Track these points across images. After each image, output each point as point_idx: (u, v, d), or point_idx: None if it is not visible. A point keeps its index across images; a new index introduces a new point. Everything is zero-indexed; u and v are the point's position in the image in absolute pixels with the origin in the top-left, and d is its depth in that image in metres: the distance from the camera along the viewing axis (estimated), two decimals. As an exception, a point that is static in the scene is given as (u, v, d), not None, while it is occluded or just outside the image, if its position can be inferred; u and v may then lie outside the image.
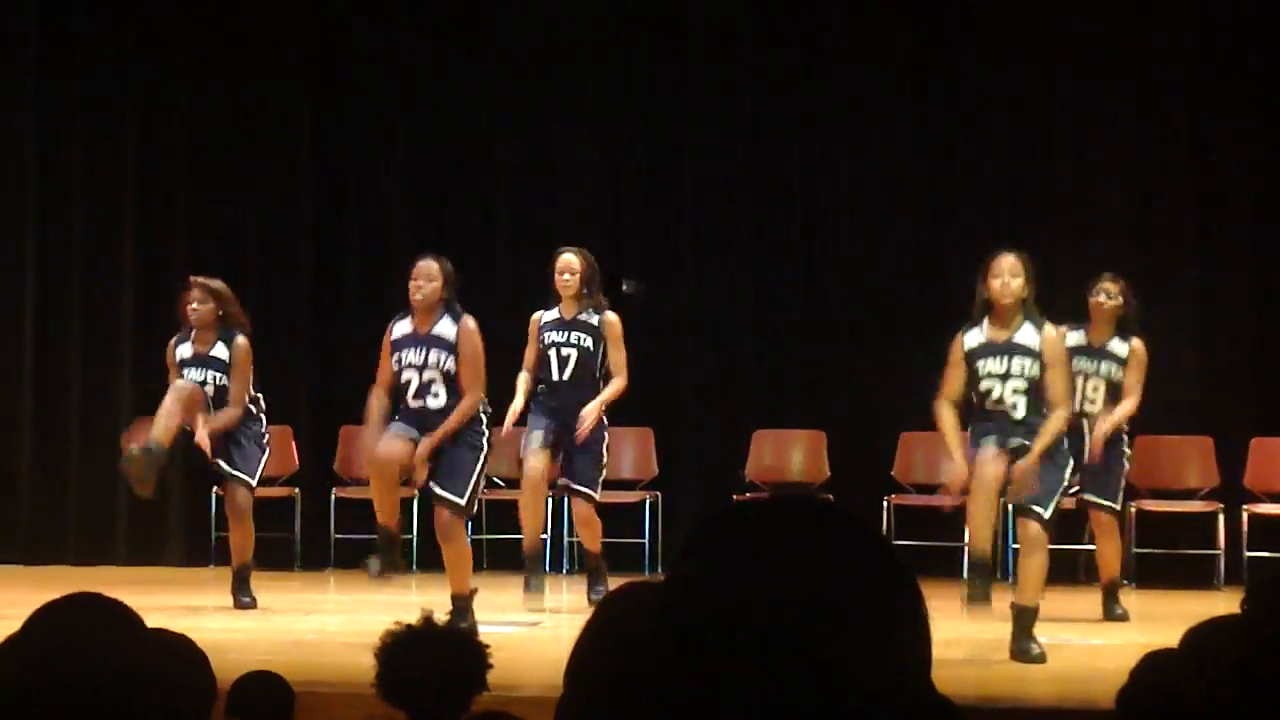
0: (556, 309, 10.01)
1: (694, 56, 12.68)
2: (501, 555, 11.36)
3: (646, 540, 12.09)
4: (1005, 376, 8.06)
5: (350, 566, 11.65)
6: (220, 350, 10.16)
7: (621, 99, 12.76)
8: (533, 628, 9.23)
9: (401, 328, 8.92)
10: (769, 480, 12.23)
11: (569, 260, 9.98)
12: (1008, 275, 8.06)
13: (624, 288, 12.36)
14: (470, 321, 8.84)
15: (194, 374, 10.10)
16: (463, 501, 8.64)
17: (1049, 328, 8.16)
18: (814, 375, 12.56)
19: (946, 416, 8.13)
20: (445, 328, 8.84)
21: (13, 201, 12.95)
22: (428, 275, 8.86)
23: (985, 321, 8.13)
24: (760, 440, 12.37)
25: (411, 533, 12.00)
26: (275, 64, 12.88)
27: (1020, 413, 8.02)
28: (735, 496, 11.24)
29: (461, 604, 8.69)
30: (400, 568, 9.14)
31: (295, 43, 12.88)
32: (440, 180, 12.87)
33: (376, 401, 8.85)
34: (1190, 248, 12.22)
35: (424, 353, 8.82)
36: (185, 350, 10.18)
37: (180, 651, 3.08)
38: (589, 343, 9.93)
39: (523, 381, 9.88)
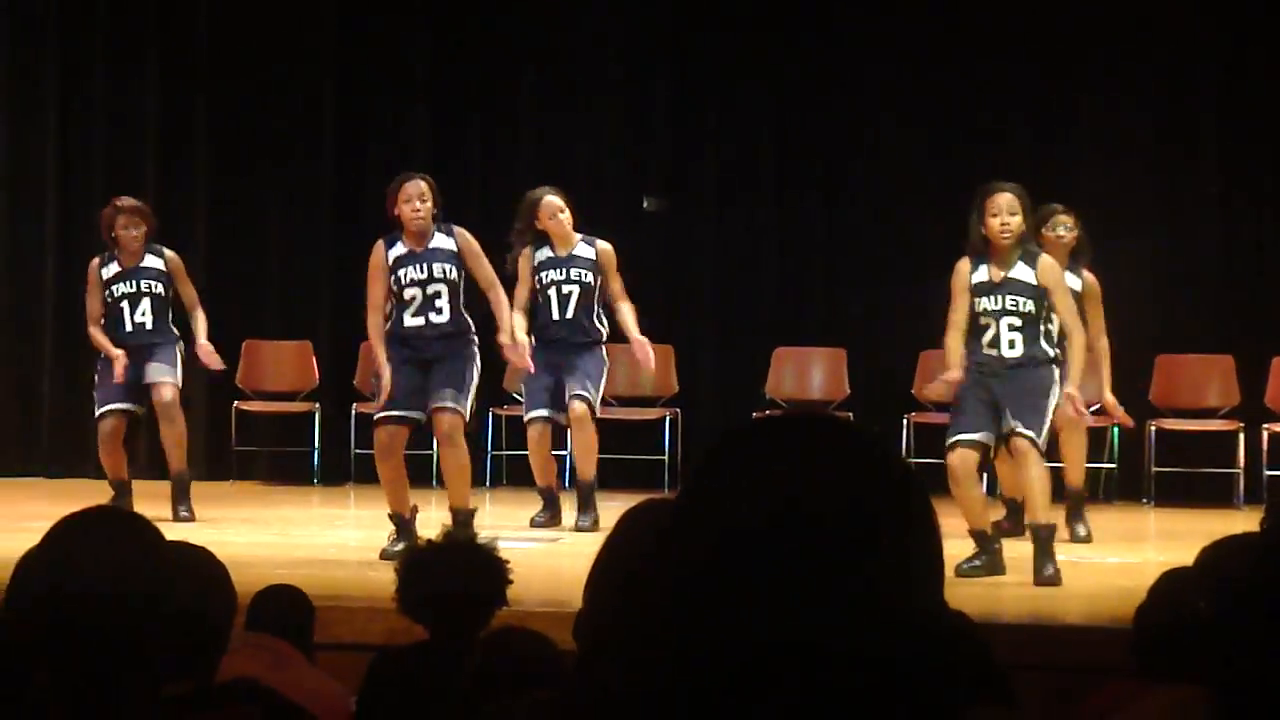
0: (548, 246, 9.82)
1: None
2: (517, 472, 11.38)
3: (666, 457, 12.11)
4: (1001, 313, 8.02)
5: (370, 481, 11.69)
6: (151, 260, 10.12)
7: (649, 23, 12.69)
8: (552, 543, 9.27)
9: (396, 250, 8.74)
10: (789, 398, 12.23)
11: (554, 201, 9.73)
12: (1006, 213, 7.97)
13: (645, 204, 12.34)
14: (462, 229, 8.80)
15: (126, 286, 10.07)
16: (465, 409, 8.62)
17: (1044, 257, 8.12)
18: (835, 293, 12.54)
19: (953, 346, 8.10)
20: (442, 241, 8.75)
21: (34, 182, 12.94)
22: (422, 195, 8.70)
23: (985, 258, 8.07)
24: (781, 358, 12.37)
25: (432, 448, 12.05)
26: (298, 14, 12.85)
27: (1016, 351, 7.98)
28: (755, 414, 11.25)
29: (463, 518, 8.69)
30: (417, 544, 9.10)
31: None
32: (461, 101, 12.83)
33: (377, 330, 8.71)
34: (1210, 165, 12.17)
35: (426, 267, 8.70)
36: (112, 269, 10.11)
37: (200, 564, 3.10)
38: (589, 277, 9.81)
39: (520, 320, 9.60)
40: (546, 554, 8.73)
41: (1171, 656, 3.38)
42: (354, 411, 12.24)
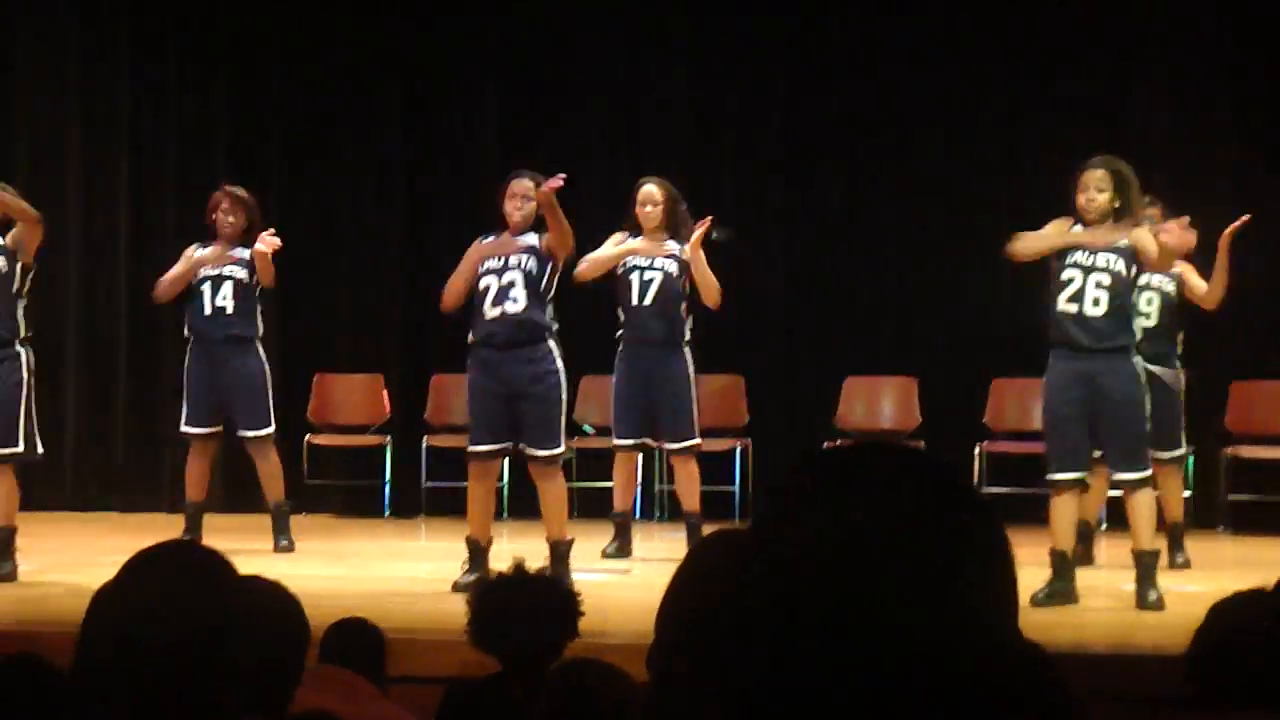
0: (639, 240, 9.88)
1: (774, 13, 12.62)
2: (592, 503, 11.37)
3: (737, 488, 12.08)
4: (1090, 269, 7.98)
5: (441, 514, 11.72)
6: (241, 251, 10.10)
7: (714, 39, 12.70)
8: (624, 575, 9.26)
9: (487, 239, 8.81)
10: (860, 428, 12.19)
11: (651, 191, 9.85)
12: (1094, 190, 8.00)
13: (713, 235, 12.33)
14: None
15: (209, 270, 10.04)
16: (559, 451, 8.66)
17: (1137, 230, 8.07)
18: (906, 322, 12.50)
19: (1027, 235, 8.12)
20: (529, 239, 8.76)
21: (107, 179, 13.03)
22: (525, 194, 8.74)
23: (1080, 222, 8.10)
24: (851, 387, 12.33)
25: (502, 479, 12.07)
26: (368, 40, 12.89)
27: (1101, 309, 7.94)
28: (826, 444, 11.21)
29: (560, 551, 8.70)
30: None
31: (387, 9, 12.91)
32: (530, 130, 12.87)
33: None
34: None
35: (503, 258, 8.70)
36: (205, 252, 10.12)
37: (274, 598, 3.11)
38: (674, 267, 9.80)
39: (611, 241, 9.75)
40: (618, 585, 8.73)
41: (1225, 683, 3.36)
42: (425, 444, 12.26)
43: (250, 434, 10.09)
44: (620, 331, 9.88)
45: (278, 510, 10.27)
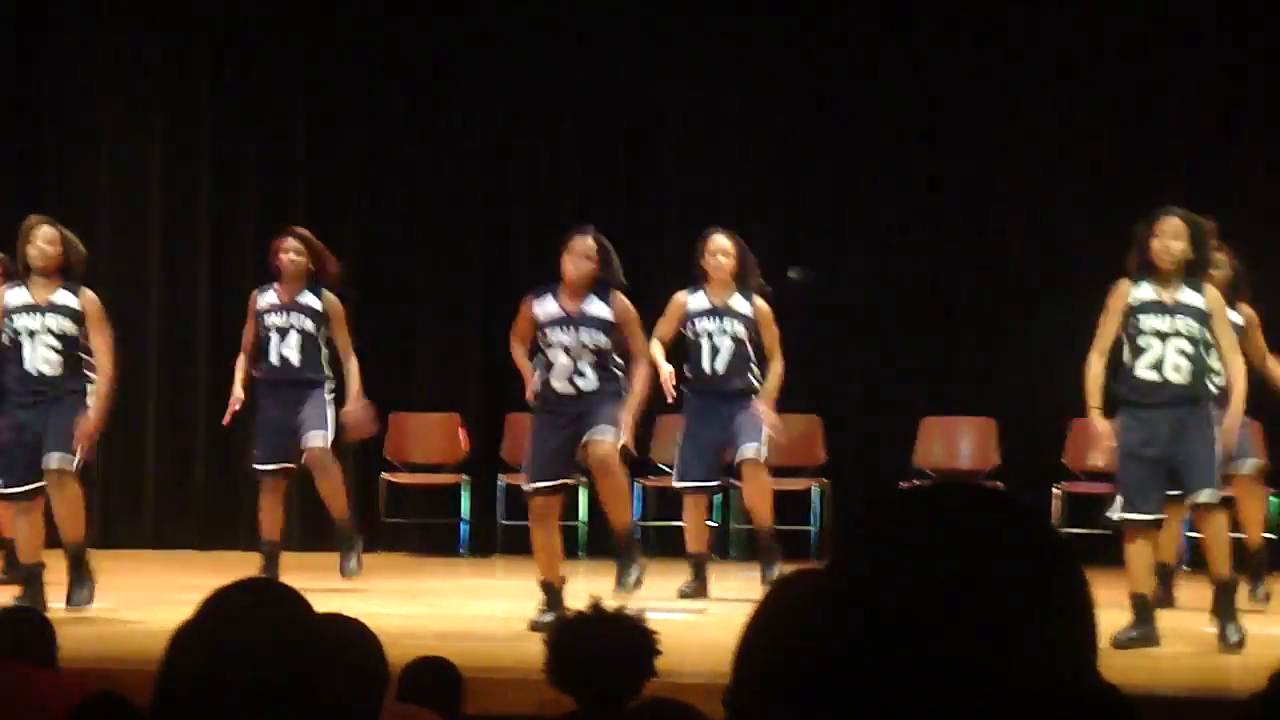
0: (703, 293, 9.78)
1: (862, 36, 12.60)
2: (667, 542, 11.36)
3: (814, 528, 12.05)
4: (1168, 335, 7.90)
5: (518, 553, 11.73)
6: (309, 299, 10.11)
7: (787, 80, 12.71)
8: (700, 614, 9.23)
9: (547, 306, 8.64)
10: (938, 468, 12.14)
11: (722, 242, 9.71)
12: (1169, 238, 7.91)
13: (789, 274, 12.32)
14: (622, 297, 8.71)
15: (277, 319, 10.07)
16: (619, 434, 8.52)
17: (1209, 287, 8.00)
18: (984, 361, 12.45)
19: (1096, 371, 8.00)
20: (598, 307, 8.68)
21: (186, 206, 13.14)
22: (586, 253, 8.64)
23: (1150, 279, 7.99)
24: (929, 427, 12.29)
25: (579, 519, 12.09)
26: (447, 60, 12.97)
27: (1182, 377, 7.86)
28: (903, 484, 11.17)
29: (627, 538, 8.75)
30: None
31: (468, 43, 12.96)
32: (609, 170, 12.90)
33: (523, 356, 8.70)
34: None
35: (574, 331, 8.61)
36: (270, 298, 10.12)
37: (353, 636, 3.12)
38: (743, 330, 9.71)
39: (659, 349, 9.48)
40: (694, 624, 8.70)
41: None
42: (502, 483, 12.28)
43: (309, 445, 10.03)
44: (689, 383, 9.80)
45: (341, 528, 10.23)
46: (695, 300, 9.75)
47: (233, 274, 12.80)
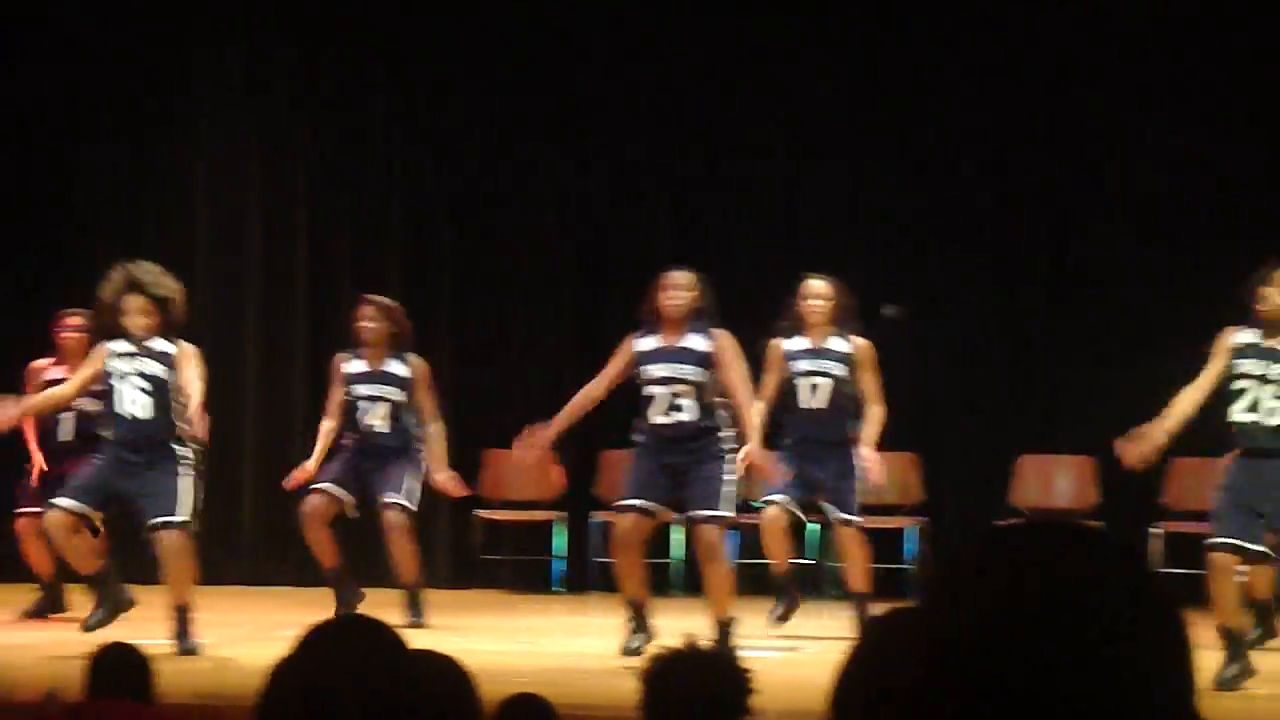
0: (800, 336, 9.76)
1: (940, 80, 12.57)
2: (759, 579, 11.32)
3: (912, 566, 11.98)
4: (1265, 380, 7.86)
5: (612, 589, 11.74)
6: (396, 366, 10.19)
7: (872, 117, 12.68)
8: (792, 652, 9.20)
9: (646, 342, 8.72)
10: (1035, 506, 12.06)
11: (818, 287, 9.68)
12: (1275, 289, 7.88)
13: (884, 312, 12.28)
14: (724, 333, 8.71)
15: (365, 389, 10.15)
16: (724, 512, 8.56)
17: None
18: (1083, 399, 12.35)
19: (1183, 398, 7.95)
20: (696, 341, 8.69)
21: (283, 257, 13.24)
22: (679, 286, 8.69)
23: (1257, 326, 7.94)
24: (1026, 465, 12.21)
25: (670, 556, 12.07)
26: (534, 103, 13.02)
27: (1277, 419, 7.83)
28: (1000, 522, 11.10)
29: (725, 628, 8.66)
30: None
31: (553, 88, 13.02)
32: (699, 209, 12.91)
33: (583, 397, 8.76)
34: None
35: (672, 367, 8.65)
36: (357, 365, 10.24)
37: (446, 673, 3.12)
38: (843, 370, 9.67)
39: (760, 413, 9.48)
40: (788, 663, 8.67)
41: None
42: (595, 520, 12.29)
43: (386, 500, 10.09)
44: (785, 430, 9.74)
45: (411, 593, 10.30)
46: (790, 343, 9.71)
47: (330, 321, 12.88)
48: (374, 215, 13.22)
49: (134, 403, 8.93)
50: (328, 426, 10.27)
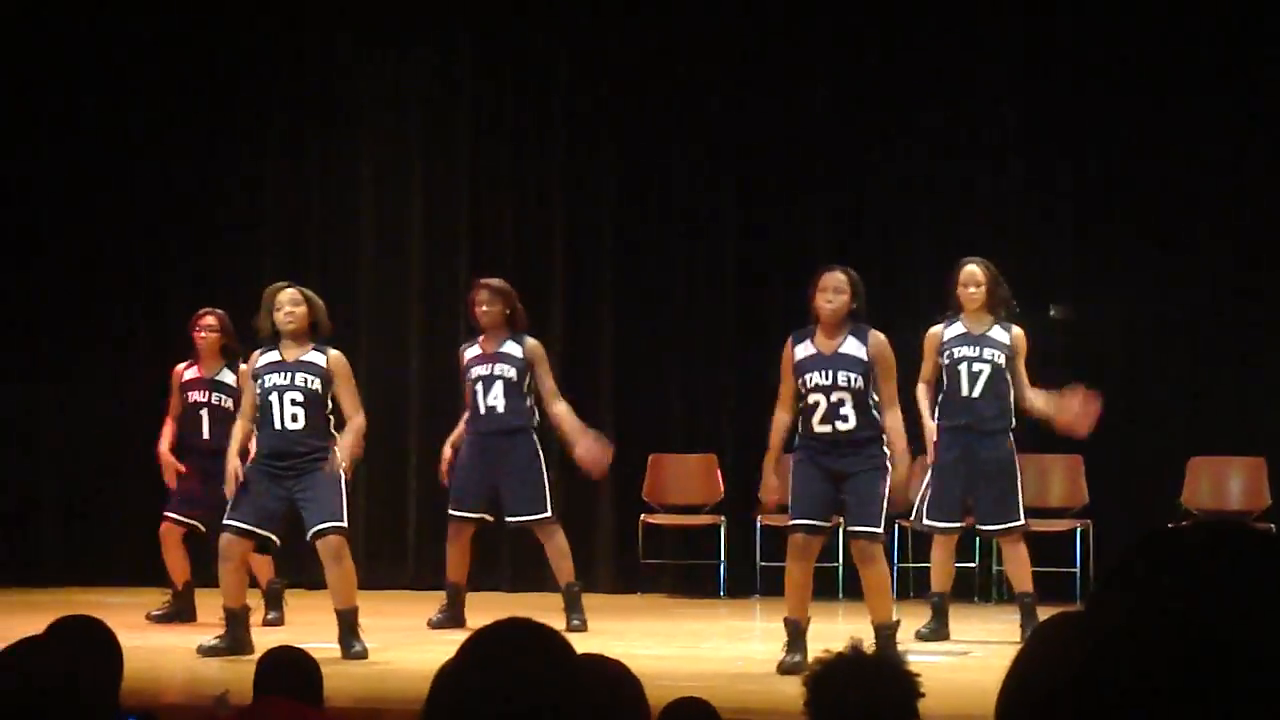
0: (959, 322, 9.73)
1: (1102, 81, 12.43)
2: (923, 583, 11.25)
3: (1078, 569, 11.85)
4: None
5: (777, 593, 11.72)
6: (511, 347, 10.25)
7: (1041, 119, 12.56)
8: (962, 657, 9.13)
9: (805, 349, 8.65)
10: (1206, 509, 11.88)
11: (974, 272, 9.70)
12: None
13: (1051, 313, 12.16)
14: (880, 335, 8.68)
15: (481, 370, 10.23)
16: (881, 527, 8.55)
17: None
18: (1254, 399, 12.16)
19: None
20: (853, 346, 8.63)
21: (444, 265, 13.33)
22: (836, 288, 8.64)
23: None
24: (1196, 467, 12.03)
25: (838, 559, 12.02)
26: (690, 130, 13.04)
27: None
28: (1170, 525, 10.93)
29: (886, 632, 8.61)
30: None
31: (711, 77, 13.02)
32: (857, 208, 12.86)
33: (780, 430, 8.70)
34: None
35: (832, 374, 8.58)
36: (474, 350, 10.33)
37: (614, 677, 3.12)
38: (1000, 358, 9.64)
39: (924, 396, 9.67)
40: (956, 667, 8.61)
41: None
42: (759, 524, 12.27)
43: (526, 519, 10.23)
44: (940, 420, 9.73)
45: (568, 591, 10.34)
46: (949, 330, 9.73)
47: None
48: (536, 221, 13.27)
49: (287, 414, 9.05)
50: (463, 424, 10.43)
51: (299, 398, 9.04)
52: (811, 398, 8.57)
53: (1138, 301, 12.37)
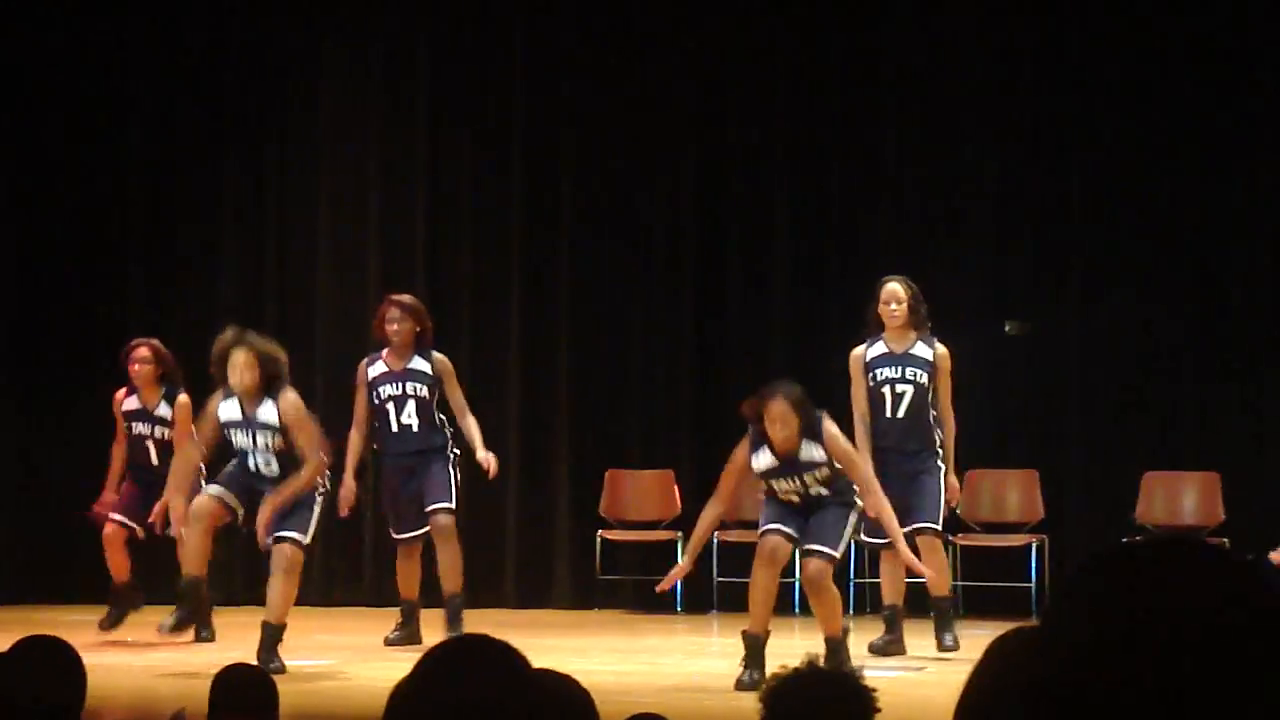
0: (881, 341, 9.75)
1: (1073, 87, 12.48)
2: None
3: (1034, 584, 11.89)
4: None
5: (733, 609, 11.72)
6: (420, 363, 10.23)
7: (1007, 132, 12.59)
8: (918, 671, 9.15)
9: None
10: (1160, 524, 11.93)
11: (894, 290, 9.70)
12: None
13: (1007, 329, 12.20)
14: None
15: (391, 389, 10.18)
16: (838, 552, 8.60)
17: None
18: (1208, 414, 12.21)
19: None
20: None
21: (405, 264, 13.31)
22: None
23: None
24: (1151, 482, 12.08)
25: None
26: (656, 139, 13.03)
27: None
28: (1124, 540, 10.99)
29: (834, 645, 8.62)
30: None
31: (678, 90, 13.03)
32: (822, 225, 12.88)
33: (708, 524, 8.75)
34: None
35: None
36: (379, 367, 10.28)
37: (568, 693, 3.12)
38: (923, 377, 9.65)
39: (860, 430, 9.56)
40: (912, 683, 8.62)
41: None
42: (716, 540, 12.27)
43: (432, 507, 10.15)
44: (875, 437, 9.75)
45: (450, 603, 10.29)
46: (871, 350, 9.77)
47: (448, 338, 12.95)
48: (494, 240, 13.24)
49: (260, 461, 9.09)
50: (352, 435, 10.33)
51: (267, 451, 9.13)
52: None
53: (1093, 317, 12.42)
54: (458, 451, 10.28)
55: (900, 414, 9.65)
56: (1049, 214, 12.58)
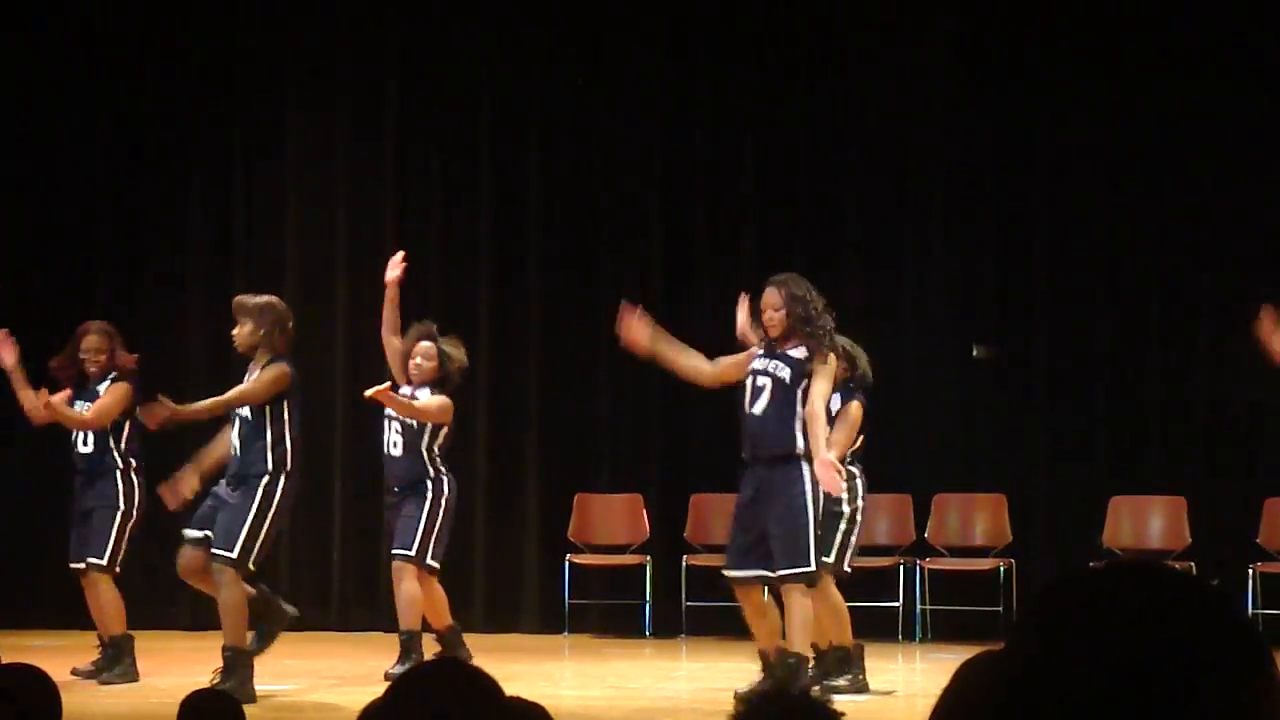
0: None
1: (1038, 113, 12.53)
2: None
3: (1001, 608, 11.91)
4: None
5: (702, 634, 11.73)
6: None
7: (972, 157, 12.63)
8: (887, 696, 9.15)
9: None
10: (1127, 548, 11.97)
11: (768, 295, 9.01)
12: None
13: (974, 353, 12.23)
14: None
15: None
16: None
17: None
18: (1174, 440, 12.25)
19: None
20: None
21: (369, 283, 13.30)
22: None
23: None
24: (1117, 506, 12.12)
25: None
26: (622, 162, 13.05)
27: None
28: (1091, 564, 11.01)
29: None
30: None
31: (632, 120, 13.06)
32: (788, 246, 12.91)
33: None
34: None
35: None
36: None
37: None
38: (785, 373, 8.80)
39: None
40: (881, 708, 8.63)
41: None
42: (685, 564, 12.27)
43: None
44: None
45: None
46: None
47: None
48: (463, 264, 13.23)
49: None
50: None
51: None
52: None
53: (1060, 340, 12.46)
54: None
55: (757, 410, 8.87)
56: (1016, 240, 12.61)
